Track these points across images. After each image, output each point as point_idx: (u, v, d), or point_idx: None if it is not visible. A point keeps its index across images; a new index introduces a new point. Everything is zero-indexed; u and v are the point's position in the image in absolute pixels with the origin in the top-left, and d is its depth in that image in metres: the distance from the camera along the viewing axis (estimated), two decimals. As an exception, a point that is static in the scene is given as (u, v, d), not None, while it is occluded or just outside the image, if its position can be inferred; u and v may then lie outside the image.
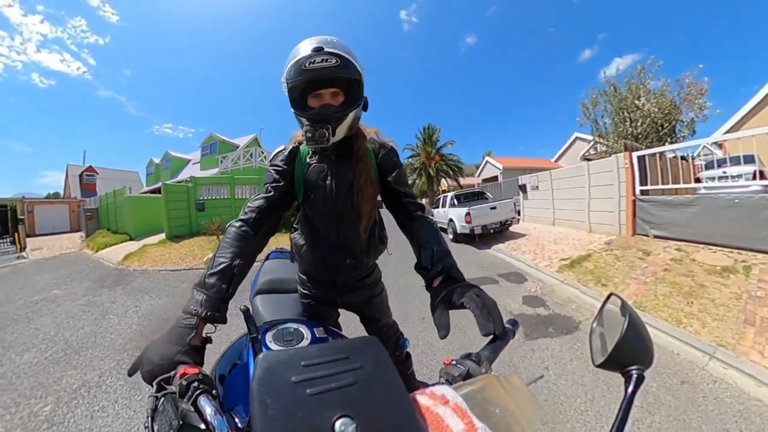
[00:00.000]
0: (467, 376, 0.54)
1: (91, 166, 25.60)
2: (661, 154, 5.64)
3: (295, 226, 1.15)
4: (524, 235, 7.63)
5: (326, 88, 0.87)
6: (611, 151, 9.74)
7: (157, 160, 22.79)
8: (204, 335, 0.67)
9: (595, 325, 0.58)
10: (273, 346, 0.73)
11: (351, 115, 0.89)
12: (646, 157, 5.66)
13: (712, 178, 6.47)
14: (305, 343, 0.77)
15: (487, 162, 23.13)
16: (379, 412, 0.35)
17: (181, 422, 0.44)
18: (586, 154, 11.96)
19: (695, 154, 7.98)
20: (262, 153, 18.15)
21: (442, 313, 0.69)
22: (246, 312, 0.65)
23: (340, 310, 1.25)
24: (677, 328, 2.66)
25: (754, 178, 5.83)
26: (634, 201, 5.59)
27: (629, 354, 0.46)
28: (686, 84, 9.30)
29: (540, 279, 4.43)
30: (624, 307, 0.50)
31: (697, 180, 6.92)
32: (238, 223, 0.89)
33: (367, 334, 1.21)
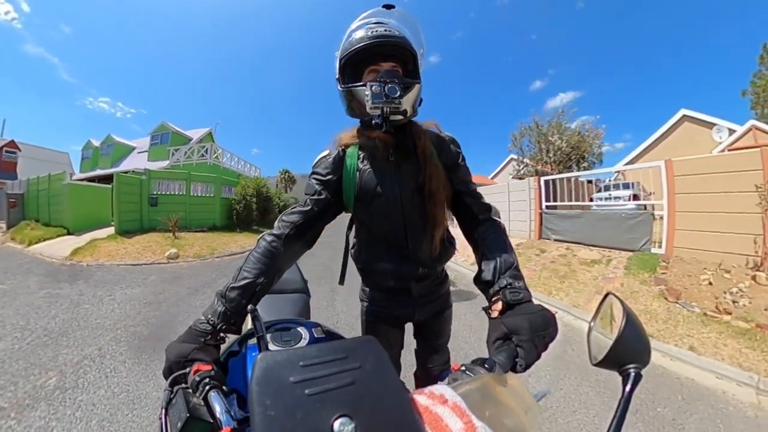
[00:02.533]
0: None
1: (12, 141, 20.87)
2: (569, 178, 7.17)
3: (352, 240, 1.03)
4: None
5: (385, 61, 0.80)
6: (529, 174, 12.16)
7: (96, 143, 19.88)
8: (218, 337, 0.68)
9: (592, 324, 0.56)
10: (271, 347, 0.73)
11: (416, 88, 0.79)
12: (550, 182, 7.18)
13: (602, 198, 8.43)
14: (303, 343, 0.76)
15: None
16: (378, 412, 0.34)
17: (188, 415, 0.45)
18: (519, 173, 14.18)
19: (610, 179, 10.31)
20: (217, 150, 17.38)
21: (501, 353, 0.57)
22: (254, 312, 0.64)
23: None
24: (548, 297, 3.85)
25: (630, 199, 7.85)
26: (540, 214, 7.09)
27: (626, 353, 0.45)
28: (587, 129, 12.32)
29: (456, 270, 5.64)
30: (621, 307, 0.49)
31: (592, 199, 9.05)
32: (269, 238, 0.81)
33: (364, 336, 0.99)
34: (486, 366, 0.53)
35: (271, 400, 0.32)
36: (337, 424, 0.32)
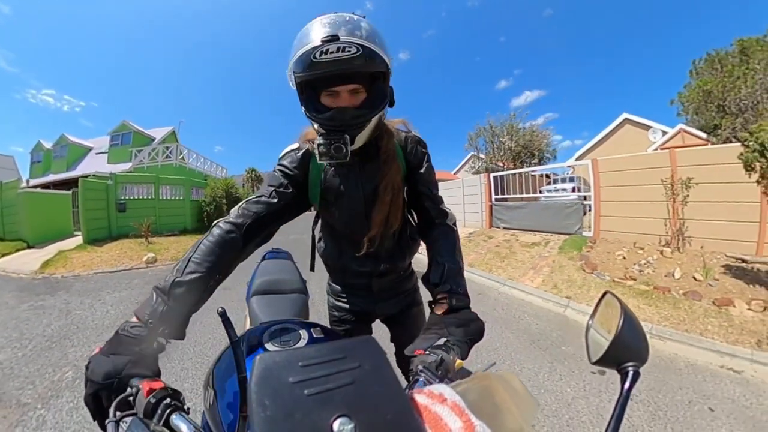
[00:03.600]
0: (440, 362, 0.56)
1: (-56, 146, 18.79)
2: (518, 173, 8.18)
3: (318, 234, 1.03)
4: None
5: (343, 84, 0.69)
6: (482, 170, 13.76)
7: (47, 145, 18.06)
8: (155, 343, 0.57)
9: (590, 322, 0.57)
10: (270, 347, 0.71)
11: (374, 120, 0.73)
12: (499, 177, 8.14)
13: (549, 190, 9.68)
14: (302, 343, 0.75)
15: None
16: (378, 412, 0.34)
17: None
18: (475, 169, 15.76)
19: (567, 173, 11.68)
20: (183, 151, 16.74)
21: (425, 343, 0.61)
22: (223, 315, 0.53)
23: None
24: (488, 273, 4.64)
25: (573, 191, 9.07)
26: (490, 206, 8.06)
27: (625, 351, 0.46)
28: (534, 130, 14.42)
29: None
30: (619, 305, 0.49)
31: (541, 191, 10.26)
32: (227, 226, 0.73)
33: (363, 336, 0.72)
34: (443, 348, 0.59)
35: (270, 400, 0.32)
36: (336, 424, 0.31)
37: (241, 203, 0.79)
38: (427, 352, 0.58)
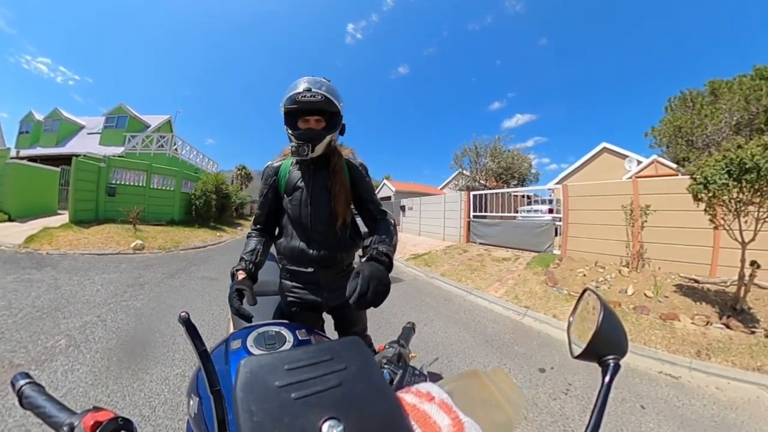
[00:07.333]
0: (399, 355, 0.64)
1: None
2: (498, 193, 8.60)
3: (279, 231, 1.27)
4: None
5: (312, 115, 1.07)
6: (465, 188, 14.61)
7: (39, 117, 17.20)
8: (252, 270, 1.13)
9: (571, 318, 0.58)
10: (255, 351, 0.70)
11: (328, 138, 1.09)
12: (478, 196, 8.65)
13: (526, 210, 10.15)
14: (288, 346, 0.74)
15: (384, 184, 27.10)
16: (366, 412, 0.34)
17: None
18: (458, 187, 16.87)
19: (546, 197, 12.25)
20: (177, 142, 16.53)
21: (352, 281, 0.82)
22: (187, 322, 0.46)
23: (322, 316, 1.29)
24: (458, 283, 4.95)
25: (550, 212, 9.55)
26: (468, 222, 8.53)
27: (605, 344, 0.47)
28: (515, 155, 15.39)
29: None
30: (598, 301, 0.50)
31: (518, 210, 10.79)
32: (254, 231, 1.24)
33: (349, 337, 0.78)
34: (399, 343, 0.68)
35: (257, 405, 0.31)
36: (325, 427, 0.31)
37: (254, 218, 1.27)
38: (386, 347, 0.69)
